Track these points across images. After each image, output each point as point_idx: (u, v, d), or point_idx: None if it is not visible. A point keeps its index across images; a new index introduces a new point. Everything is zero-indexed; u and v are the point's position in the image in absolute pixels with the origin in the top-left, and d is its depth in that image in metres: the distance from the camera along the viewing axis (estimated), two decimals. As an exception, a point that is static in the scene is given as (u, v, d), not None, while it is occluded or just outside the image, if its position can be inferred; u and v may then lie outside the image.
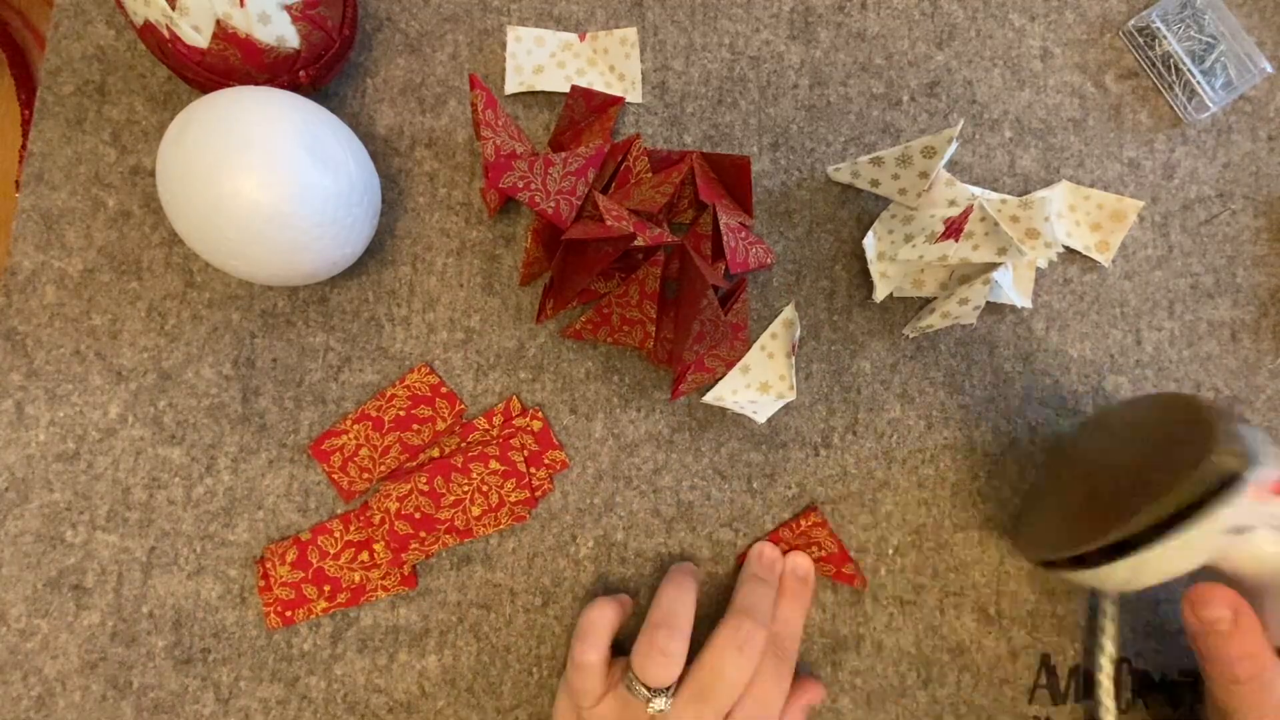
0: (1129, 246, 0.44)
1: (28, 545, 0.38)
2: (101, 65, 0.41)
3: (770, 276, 0.42)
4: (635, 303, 0.39)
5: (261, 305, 0.40)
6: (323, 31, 0.37)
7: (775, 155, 0.43)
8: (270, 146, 0.32)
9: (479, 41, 0.43)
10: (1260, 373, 0.43)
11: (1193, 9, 0.44)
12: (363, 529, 0.39)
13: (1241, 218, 0.44)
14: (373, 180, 0.37)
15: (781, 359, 0.40)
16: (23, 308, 0.39)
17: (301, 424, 0.40)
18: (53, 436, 0.39)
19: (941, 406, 0.42)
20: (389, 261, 0.41)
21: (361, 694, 0.39)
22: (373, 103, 0.42)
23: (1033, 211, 0.38)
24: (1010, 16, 0.45)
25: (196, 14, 0.33)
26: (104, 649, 0.38)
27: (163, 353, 0.40)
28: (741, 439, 0.41)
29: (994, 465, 0.42)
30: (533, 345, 0.41)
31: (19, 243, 0.40)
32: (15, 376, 0.39)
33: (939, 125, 0.44)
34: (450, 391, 0.40)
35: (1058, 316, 0.43)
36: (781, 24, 0.44)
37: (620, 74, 0.43)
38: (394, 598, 0.39)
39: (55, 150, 0.40)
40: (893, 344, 0.42)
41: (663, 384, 0.41)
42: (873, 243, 0.41)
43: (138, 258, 0.40)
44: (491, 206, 0.41)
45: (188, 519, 0.39)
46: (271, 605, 0.38)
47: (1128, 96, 0.45)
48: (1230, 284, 0.44)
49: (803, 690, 0.37)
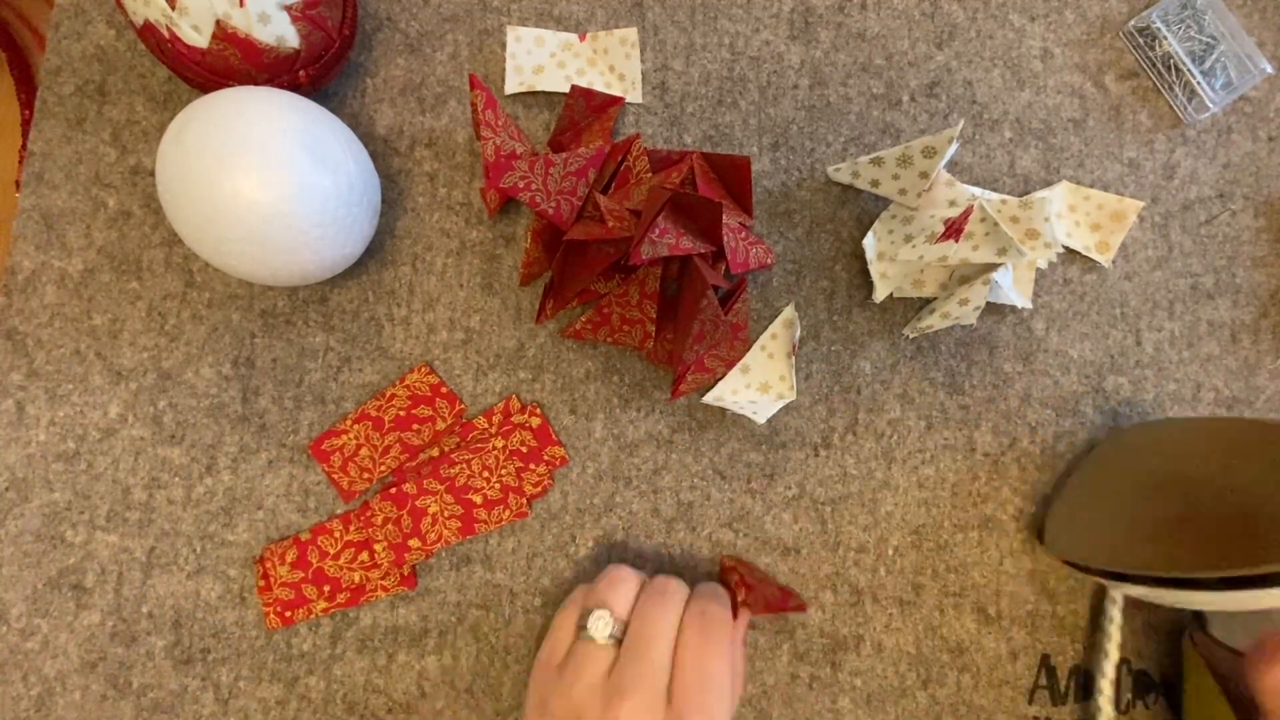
0: (1129, 247, 0.44)
1: (28, 545, 0.38)
2: (101, 65, 0.41)
3: (770, 276, 0.42)
4: (635, 303, 0.39)
5: (261, 305, 0.40)
6: (323, 31, 0.37)
7: (775, 155, 0.43)
8: (270, 146, 0.32)
9: (479, 41, 0.43)
10: (1260, 373, 0.43)
11: (1193, 9, 0.44)
12: (363, 529, 0.39)
13: (1241, 218, 0.44)
14: (373, 180, 0.37)
15: (781, 359, 0.40)
16: (23, 308, 0.39)
17: (301, 424, 0.40)
18: (53, 436, 0.39)
19: (941, 406, 0.42)
20: (389, 261, 0.41)
21: (361, 694, 0.39)
22: (373, 103, 0.42)
23: (1033, 212, 0.38)
24: (1010, 17, 0.45)
25: (196, 14, 0.33)
26: (104, 649, 0.38)
27: (163, 353, 0.40)
28: (741, 439, 0.41)
29: (994, 465, 0.42)
30: (533, 345, 0.41)
31: (19, 243, 0.40)
32: (15, 376, 0.39)
33: (939, 125, 0.44)
34: (450, 391, 0.40)
35: (1058, 317, 0.43)
36: (781, 24, 0.44)
37: (620, 74, 0.43)
38: (394, 598, 0.39)
39: (55, 150, 0.40)
40: (893, 344, 0.42)
41: (663, 384, 0.41)
42: (873, 243, 0.41)
43: (138, 258, 0.40)
44: (491, 207, 0.41)
45: (188, 519, 0.39)
46: (271, 605, 0.38)
47: (1128, 97, 0.45)
48: (1230, 284, 0.44)
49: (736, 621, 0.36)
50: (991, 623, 0.40)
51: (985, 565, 0.41)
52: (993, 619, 0.40)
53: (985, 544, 0.41)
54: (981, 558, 0.41)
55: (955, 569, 0.41)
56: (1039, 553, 0.41)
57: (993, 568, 0.41)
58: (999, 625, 0.40)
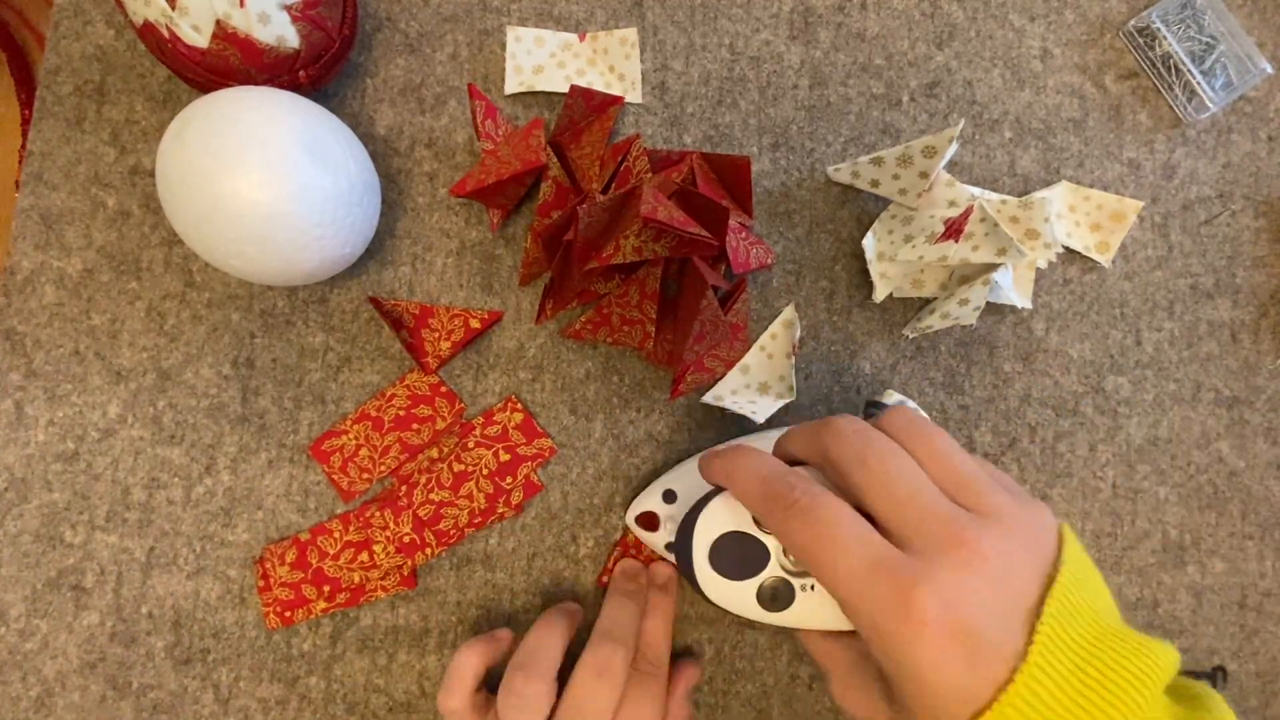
0: (1129, 247, 0.44)
1: (27, 545, 0.38)
2: (101, 65, 0.41)
3: (770, 276, 0.42)
4: (635, 303, 0.39)
5: (261, 305, 0.40)
6: (323, 31, 0.37)
7: (775, 155, 0.43)
8: (270, 146, 0.32)
9: (479, 41, 0.43)
10: (1260, 373, 0.43)
11: (1193, 9, 0.44)
12: (362, 529, 0.39)
13: (1241, 218, 0.44)
14: (373, 180, 0.37)
15: (781, 359, 0.40)
16: (22, 308, 0.39)
17: (301, 424, 0.40)
18: (52, 436, 0.39)
19: (941, 406, 0.42)
20: (389, 261, 0.41)
21: (361, 694, 0.39)
22: (373, 103, 0.42)
23: (1033, 212, 0.38)
24: (1010, 17, 0.45)
25: (196, 14, 0.33)
26: (103, 649, 0.38)
27: (162, 353, 0.40)
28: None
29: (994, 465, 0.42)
30: (533, 345, 0.41)
31: (18, 243, 0.40)
32: (14, 376, 0.39)
33: (939, 125, 0.44)
34: (450, 391, 0.40)
35: (1058, 316, 0.43)
36: (781, 24, 0.44)
37: (620, 74, 0.43)
38: (394, 598, 0.39)
39: (55, 150, 0.40)
40: (893, 344, 0.42)
41: (663, 384, 0.41)
42: (873, 243, 0.41)
43: (137, 258, 0.40)
44: (494, 221, 0.41)
45: (187, 519, 0.39)
46: (271, 605, 0.38)
47: (1128, 97, 0.45)
48: (1230, 284, 0.44)
49: (680, 677, 0.36)
50: (991, 623, 0.40)
51: (985, 565, 0.41)
52: (993, 619, 0.40)
53: (985, 544, 0.41)
54: (981, 558, 0.41)
55: (955, 569, 0.41)
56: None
57: (993, 568, 0.41)
58: (999, 625, 0.40)
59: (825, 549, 0.25)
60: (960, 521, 0.25)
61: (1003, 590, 0.24)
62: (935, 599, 0.23)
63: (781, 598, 0.29)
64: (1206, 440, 0.43)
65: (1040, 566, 0.25)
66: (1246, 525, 0.42)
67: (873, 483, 0.26)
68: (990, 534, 0.25)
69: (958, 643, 0.23)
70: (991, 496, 0.26)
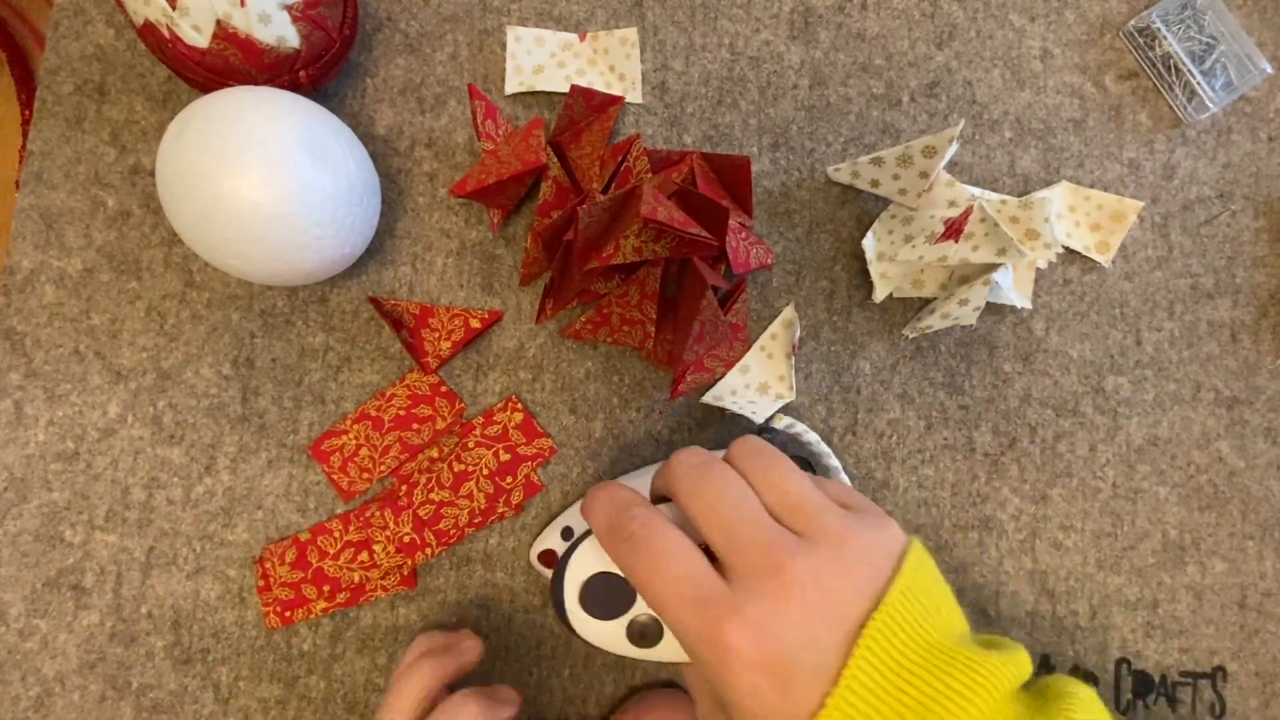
0: (1129, 247, 0.44)
1: (27, 545, 0.38)
2: (101, 65, 0.41)
3: (770, 276, 0.42)
4: (635, 303, 0.39)
5: (261, 305, 0.40)
6: (323, 31, 0.37)
7: (775, 155, 0.43)
8: (270, 146, 0.32)
9: (479, 41, 0.43)
10: (1260, 373, 0.43)
11: (1193, 9, 0.44)
12: (362, 529, 0.39)
13: (1241, 218, 0.44)
14: (373, 180, 0.37)
15: (781, 359, 0.40)
16: (22, 307, 0.39)
17: (301, 424, 0.40)
18: (52, 436, 0.39)
19: (941, 406, 0.42)
20: (389, 261, 0.41)
21: (361, 694, 0.38)
22: (373, 103, 0.42)
23: (1033, 212, 0.38)
24: (1010, 17, 0.45)
25: (196, 14, 0.33)
26: (103, 649, 0.38)
27: (162, 352, 0.40)
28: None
29: (994, 465, 0.42)
30: (533, 345, 0.41)
31: (18, 242, 0.40)
32: (14, 376, 0.39)
33: (939, 125, 0.44)
34: (450, 391, 0.40)
35: (1058, 317, 0.43)
36: (781, 24, 0.44)
37: (620, 74, 0.43)
38: (394, 598, 0.39)
39: (55, 150, 0.40)
40: (893, 344, 0.42)
41: (663, 384, 0.41)
42: (873, 243, 0.41)
43: (137, 257, 0.40)
44: (494, 221, 0.41)
45: (187, 519, 0.39)
46: (271, 605, 0.38)
47: (1128, 97, 0.45)
48: (1230, 284, 0.44)
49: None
50: (991, 623, 0.40)
51: (985, 565, 0.41)
52: (992, 619, 0.40)
53: (985, 544, 0.41)
54: (981, 558, 0.41)
55: (955, 569, 0.41)
56: (1039, 553, 0.41)
57: (992, 568, 0.41)
58: (999, 625, 0.40)
59: (654, 580, 0.25)
60: (781, 547, 0.25)
61: (819, 615, 0.24)
62: (745, 632, 0.23)
63: (650, 635, 0.29)
64: (1206, 440, 0.43)
65: (867, 588, 0.25)
66: (1246, 525, 0.42)
67: (705, 513, 0.26)
68: (812, 558, 0.25)
69: (768, 673, 0.23)
70: (820, 518, 0.26)
